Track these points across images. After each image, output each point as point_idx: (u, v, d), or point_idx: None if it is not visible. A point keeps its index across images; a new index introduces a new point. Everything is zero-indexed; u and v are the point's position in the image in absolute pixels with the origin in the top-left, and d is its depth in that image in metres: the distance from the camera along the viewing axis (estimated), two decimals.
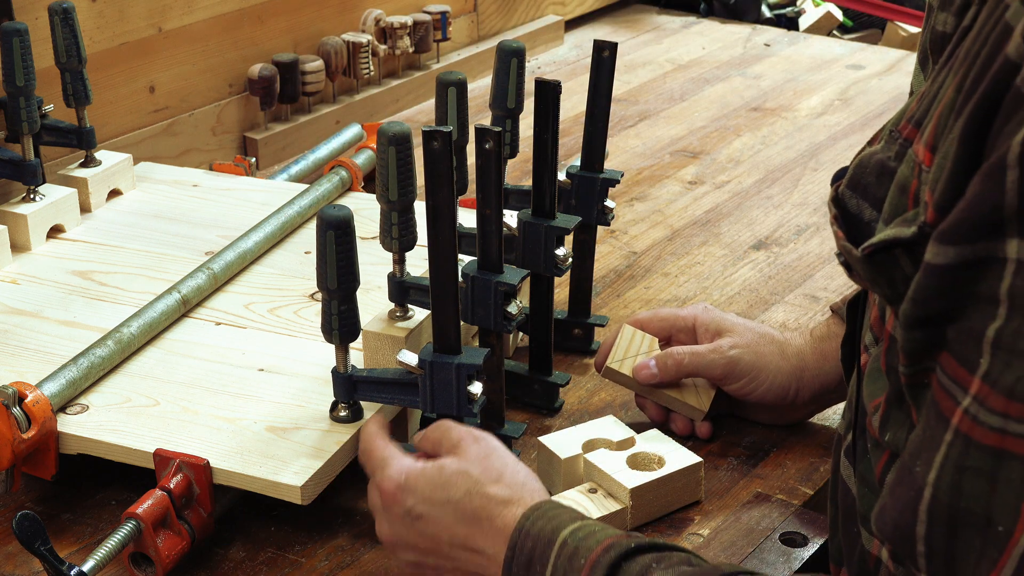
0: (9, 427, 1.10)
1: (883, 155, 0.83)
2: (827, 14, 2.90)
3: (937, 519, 0.70)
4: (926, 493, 0.71)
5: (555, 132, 1.24)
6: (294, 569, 1.10)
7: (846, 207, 0.84)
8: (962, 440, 0.69)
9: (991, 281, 0.68)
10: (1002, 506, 0.67)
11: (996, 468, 0.68)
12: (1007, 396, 0.67)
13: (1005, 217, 0.67)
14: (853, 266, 0.81)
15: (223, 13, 1.84)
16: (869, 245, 0.78)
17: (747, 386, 1.22)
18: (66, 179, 1.58)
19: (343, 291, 1.09)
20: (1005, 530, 0.67)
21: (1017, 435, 0.67)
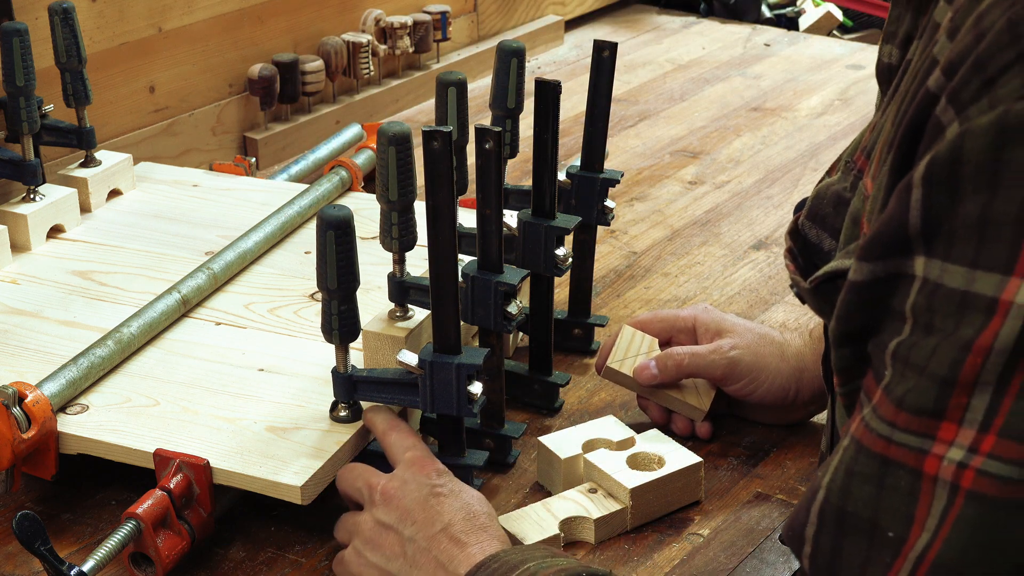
0: (9, 427, 1.10)
1: (839, 186, 0.86)
2: (827, 14, 2.90)
3: (826, 521, 0.72)
4: (819, 495, 0.73)
5: (555, 132, 1.24)
6: (294, 569, 1.10)
7: (806, 238, 0.87)
8: (855, 446, 0.71)
9: (900, 296, 0.70)
10: (889, 511, 0.69)
11: (883, 475, 0.69)
12: (896, 406, 0.69)
13: (910, 235, 0.69)
14: (803, 297, 0.85)
15: (223, 13, 1.84)
16: (815, 278, 0.81)
17: (747, 387, 1.22)
18: (66, 179, 1.58)
19: (343, 291, 1.09)
20: (896, 536, 0.68)
21: (901, 444, 0.69)
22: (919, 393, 0.68)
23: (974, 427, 0.66)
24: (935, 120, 0.69)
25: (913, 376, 0.69)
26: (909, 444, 0.68)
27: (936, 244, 0.68)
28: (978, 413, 0.66)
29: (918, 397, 0.68)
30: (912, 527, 0.68)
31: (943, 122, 0.68)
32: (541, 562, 0.92)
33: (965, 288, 0.67)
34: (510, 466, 1.22)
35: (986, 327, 0.66)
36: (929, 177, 0.68)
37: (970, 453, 0.66)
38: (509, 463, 1.22)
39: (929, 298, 0.68)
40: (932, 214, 0.68)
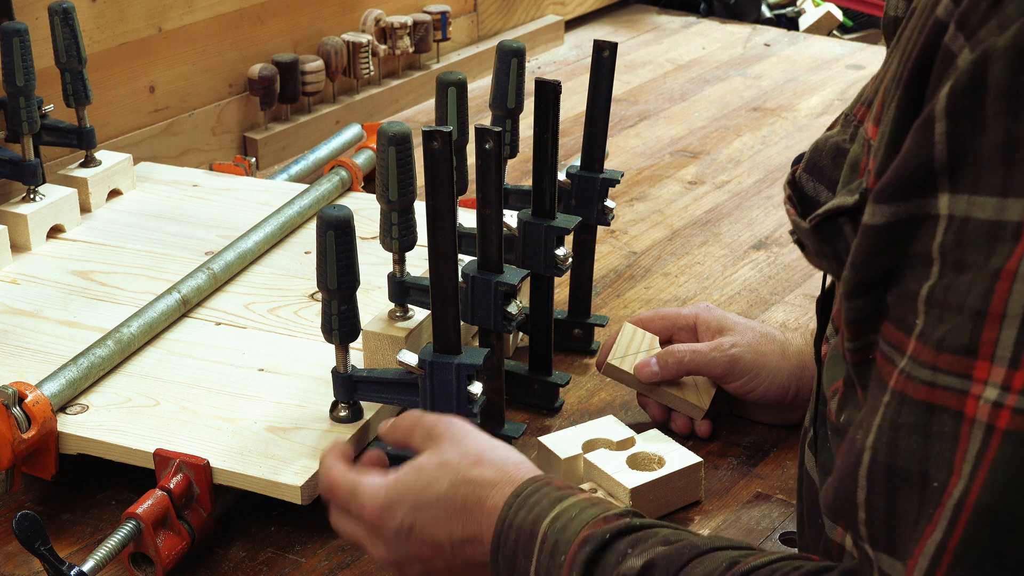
0: (9, 427, 1.10)
1: (838, 138, 0.84)
2: (827, 14, 2.90)
3: (877, 481, 0.70)
4: (865, 457, 0.70)
5: (555, 132, 1.24)
6: (294, 569, 1.10)
7: (803, 190, 0.85)
8: (897, 399, 0.69)
9: (924, 239, 0.68)
10: (936, 460, 0.67)
11: (928, 423, 0.67)
12: (936, 348, 0.67)
13: (935, 171, 0.67)
14: (803, 241, 0.82)
15: (223, 13, 1.84)
16: (816, 216, 0.79)
17: (747, 385, 1.22)
18: (66, 179, 1.58)
19: (343, 291, 1.09)
20: (940, 485, 0.67)
21: (945, 387, 0.67)
22: (957, 331, 0.66)
23: (1004, 364, 0.65)
24: (945, 49, 0.67)
25: (951, 316, 0.67)
26: (952, 386, 0.66)
27: (963, 177, 0.66)
28: (1007, 349, 0.65)
29: (956, 336, 0.66)
30: (952, 475, 0.66)
31: (954, 50, 0.67)
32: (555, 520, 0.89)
33: (996, 218, 0.65)
34: None
35: (1013, 253, 0.64)
36: (951, 108, 0.66)
37: (1003, 392, 0.64)
38: None
39: (958, 235, 0.67)
40: (958, 145, 0.66)
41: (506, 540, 0.90)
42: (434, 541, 0.95)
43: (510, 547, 0.90)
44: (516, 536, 0.90)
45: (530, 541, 0.89)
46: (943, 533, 0.66)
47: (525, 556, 0.89)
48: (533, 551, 0.88)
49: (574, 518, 0.88)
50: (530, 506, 0.90)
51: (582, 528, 0.87)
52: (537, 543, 0.88)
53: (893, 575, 0.69)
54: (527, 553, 0.89)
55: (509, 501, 0.91)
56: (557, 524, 0.88)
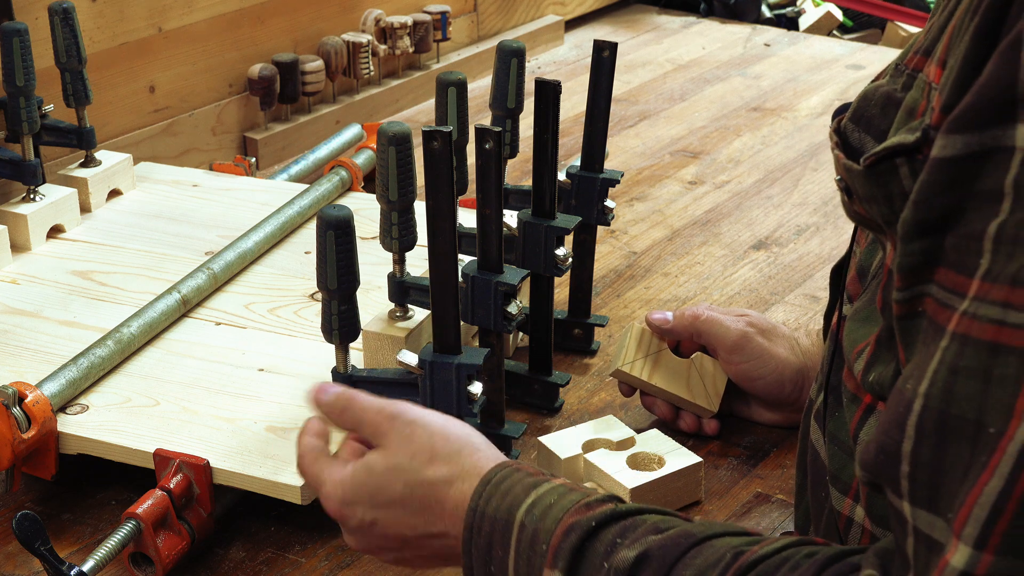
0: (9, 427, 1.10)
1: (888, 87, 0.80)
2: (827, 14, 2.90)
3: (926, 431, 0.65)
4: (916, 405, 0.65)
5: (555, 132, 1.24)
6: (294, 569, 1.10)
7: (848, 140, 0.80)
8: (958, 341, 0.64)
9: (996, 175, 0.64)
10: (995, 406, 0.62)
11: (991, 365, 0.63)
12: (1011, 285, 0.62)
13: (1018, 97, 0.63)
14: (853, 186, 0.78)
15: (223, 13, 1.84)
16: (872, 155, 0.75)
17: (754, 370, 1.21)
18: (66, 179, 1.58)
19: (343, 291, 1.09)
20: (997, 431, 0.62)
21: (1015, 325, 0.62)
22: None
23: None
24: None
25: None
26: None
27: None
28: None
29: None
30: (1012, 419, 0.61)
31: None
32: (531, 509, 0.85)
33: None
34: None
35: None
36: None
37: None
38: None
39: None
40: None
41: (479, 531, 0.86)
42: (398, 535, 0.92)
43: (484, 538, 0.86)
44: (491, 527, 0.85)
45: (506, 531, 0.85)
46: (1004, 481, 0.61)
47: (502, 547, 0.85)
48: (511, 541, 0.84)
49: (553, 505, 0.84)
50: (502, 493, 0.86)
51: (563, 515, 0.83)
52: (514, 532, 0.84)
53: (932, 534, 0.64)
54: (504, 544, 0.85)
55: (478, 490, 0.87)
56: (535, 512, 0.84)
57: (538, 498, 0.85)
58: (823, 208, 1.76)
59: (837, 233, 1.68)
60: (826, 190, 1.82)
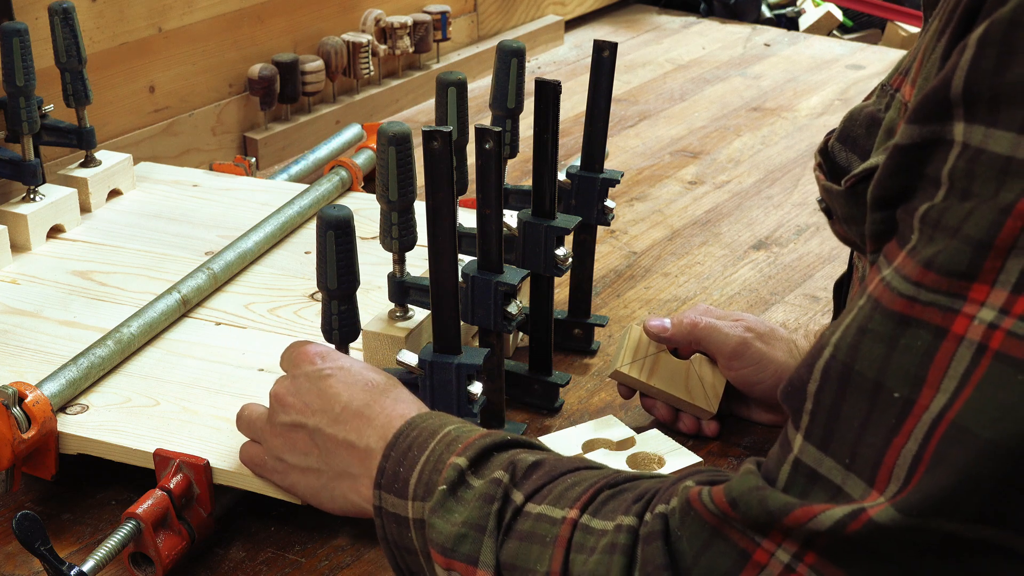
0: (9, 427, 1.10)
1: (873, 108, 0.84)
2: (827, 14, 2.90)
3: (830, 378, 0.71)
4: (826, 352, 0.71)
5: (555, 132, 1.24)
6: (294, 569, 1.10)
7: (835, 159, 0.85)
8: (871, 304, 0.70)
9: (937, 163, 0.69)
10: (898, 372, 0.68)
11: (897, 335, 0.68)
12: (924, 266, 0.68)
13: (951, 99, 0.68)
14: (833, 207, 0.82)
15: (223, 13, 1.84)
16: (851, 177, 0.79)
17: (754, 375, 1.21)
18: (66, 179, 1.58)
19: (343, 291, 1.09)
20: (902, 397, 0.67)
21: (928, 303, 0.67)
22: (950, 254, 0.67)
23: (1007, 288, 0.65)
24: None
25: (943, 238, 0.67)
26: (938, 303, 0.67)
27: (977, 108, 0.67)
28: (1012, 275, 0.65)
29: (949, 258, 0.67)
30: (923, 388, 0.67)
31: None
32: (461, 427, 0.93)
33: (1010, 154, 0.66)
34: None
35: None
36: (985, 38, 0.66)
37: (1001, 314, 0.65)
38: None
39: (969, 163, 0.67)
40: (977, 77, 0.67)
41: (405, 436, 0.93)
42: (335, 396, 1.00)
43: (406, 442, 0.93)
44: (418, 433, 0.93)
45: (431, 436, 0.92)
46: (918, 445, 0.66)
47: (419, 448, 0.91)
48: (430, 442, 0.91)
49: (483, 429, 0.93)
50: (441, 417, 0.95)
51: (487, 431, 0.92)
52: (437, 437, 0.91)
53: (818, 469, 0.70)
54: (423, 446, 0.91)
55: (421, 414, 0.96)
56: (465, 428, 0.92)
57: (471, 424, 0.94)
58: None
59: None
60: None
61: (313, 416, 1.00)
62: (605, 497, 0.81)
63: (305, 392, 1.01)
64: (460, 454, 0.89)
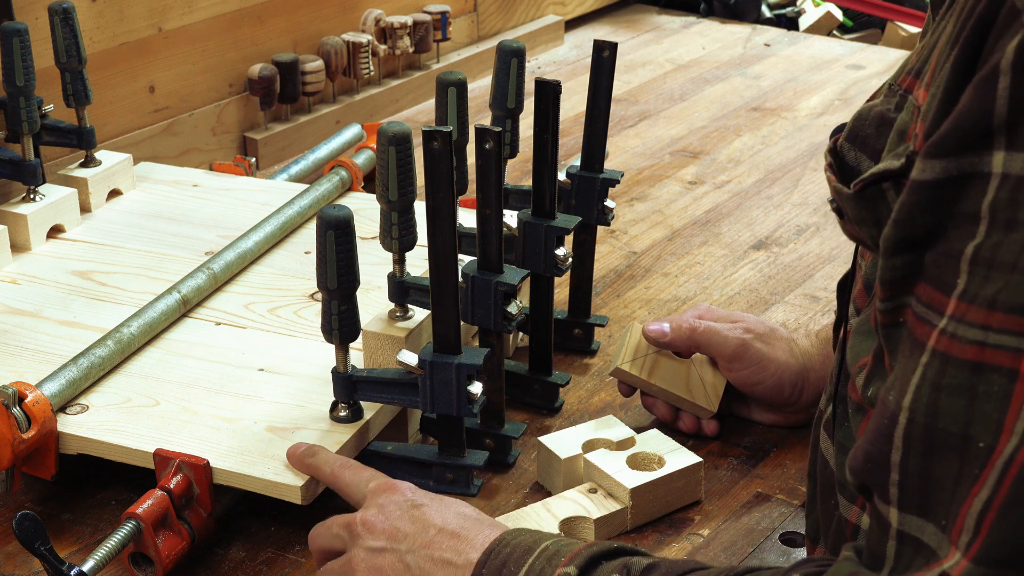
0: (9, 427, 1.10)
1: (883, 107, 0.82)
2: (827, 14, 2.90)
3: (914, 443, 0.68)
4: (901, 418, 0.69)
5: (555, 132, 1.24)
6: (294, 569, 1.10)
7: (844, 159, 0.84)
8: (939, 359, 0.68)
9: (974, 198, 0.67)
10: (981, 421, 0.66)
11: (975, 383, 0.66)
12: (988, 308, 0.66)
13: (994, 127, 0.66)
14: (844, 208, 0.81)
15: (223, 13, 1.84)
16: (859, 181, 0.78)
17: (754, 375, 1.21)
18: (66, 179, 1.58)
19: (343, 291, 1.09)
20: (986, 445, 0.65)
21: (997, 346, 0.66)
22: (1013, 290, 0.65)
23: None
24: (1010, 6, 0.66)
25: (1001, 276, 0.65)
26: (1006, 345, 0.65)
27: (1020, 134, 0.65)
28: None
29: (1012, 295, 0.65)
30: (1001, 434, 0.65)
31: (1019, 7, 0.65)
32: (558, 540, 0.90)
33: None
34: (510, 466, 1.22)
35: None
36: (1019, 63, 0.65)
37: None
38: (509, 463, 1.22)
39: (1012, 193, 0.65)
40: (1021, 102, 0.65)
41: (497, 554, 0.91)
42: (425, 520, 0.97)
43: (499, 559, 0.90)
44: (511, 550, 0.90)
45: (526, 553, 0.89)
46: (990, 491, 0.65)
47: (516, 564, 0.89)
48: (527, 560, 0.89)
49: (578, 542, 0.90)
50: (530, 534, 0.92)
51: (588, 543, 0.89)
52: (535, 553, 0.89)
53: (922, 537, 0.68)
54: (519, 562, 0.89)
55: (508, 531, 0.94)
56: (562, 541, 0.90)
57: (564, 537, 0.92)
58: (823, 208, 1.76)
59: (837, 233, 1.68)
60: (826, 190, 1.81)
61: (405, 540, 0.97)
62: None
63: (396, 518, 0.98)
64: (568, 564, 0.86)
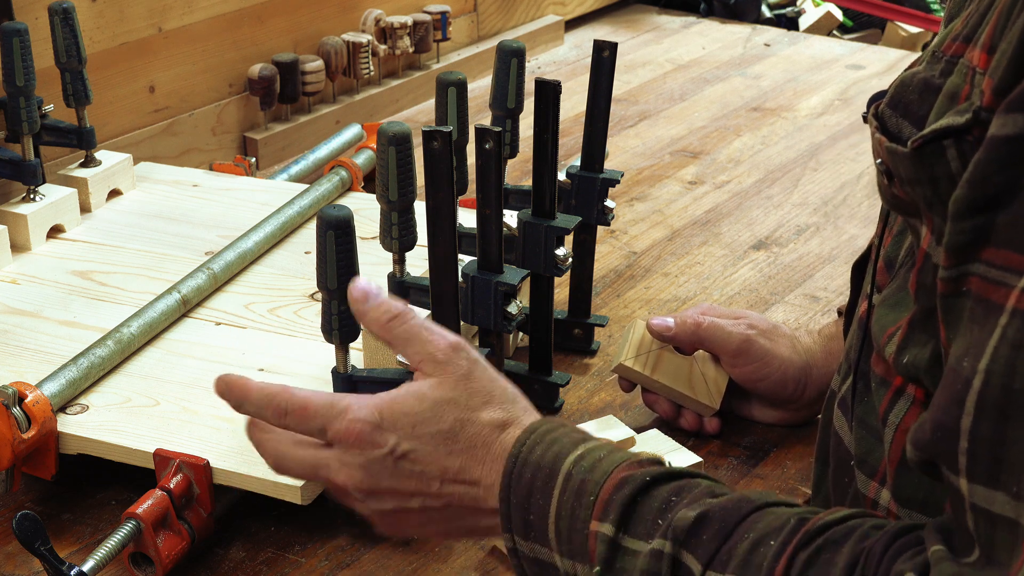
0: (9, 427, 1.10)
1: (926, 73, 0.80)
2: (827, 14, 2.90)
3: (987, 406, 0.66)
4: (976, 382, 0.66)
5: (555, 132, 1.24)
6: (294, 569, 1.10)
7: (886, 125, 0.81)
8: (1020, 318, 0.66)
9: None
10: None
11: None
12: None
13: None
14: (895, 169, 0.78)
15: (223, 13, 1.84)
16: (919, 137, 0.75)
17: (758, 372, 1.21)
18: (66, 179, 1.58)
19: (343, 291, 1.09)
20: None
21: None
22: None
23: None
24: None
25: None
26: None
27: None
28: None
29: None
30: None
31: None
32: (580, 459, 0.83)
33: None
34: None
35: None
36: None
37: None
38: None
39: None
40: None
41: (519, 478, 0.84)
42: (423, 474, 0.87)
43: (524, 485, 0.84)
44: (532, 474, 0.83)
45: (550, 478, 0.83)
46: None
47: (543, 495, 0.83)
48: (553, 490, 0.82)
49: (602, 459, 0.83)
50: (548, 443, 0.84)
51: (614, 469, 0.82)
52: (559, 481, 0.82)
53: (991, 508, 0.66)
54: (546, 492, 0.83)
55: (522, 438, 0.85)
56: (584, 463, 0.83)
57: (586, 451, 0.84)
58: (823, 208, 1.76)
59: (837, 233, 1.68)
60: (826, 190, 1.82)
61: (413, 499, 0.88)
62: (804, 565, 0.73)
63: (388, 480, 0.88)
64: (601, 519, 0.80)
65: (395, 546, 1.12)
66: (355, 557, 1.11)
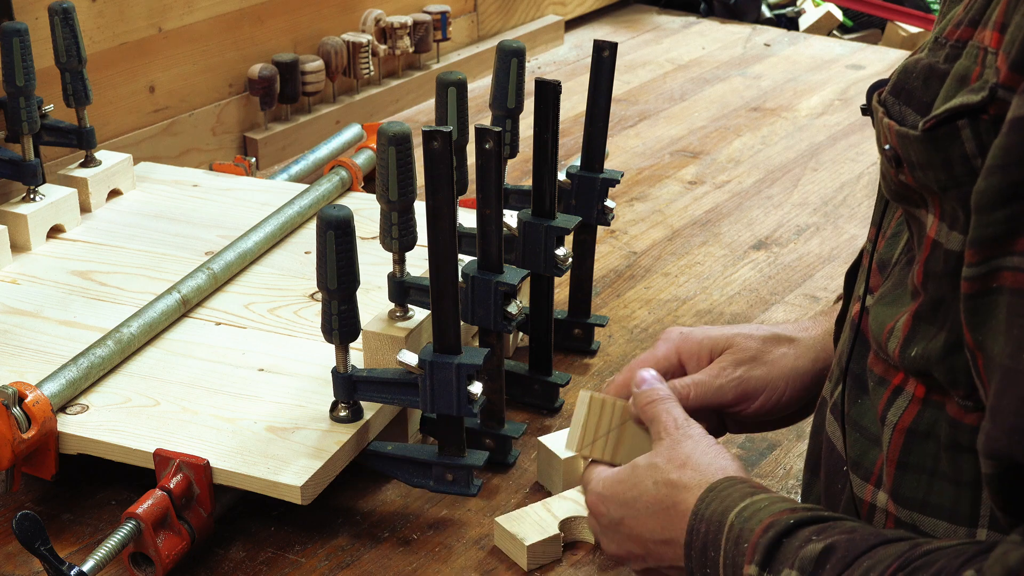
0: (9, 427, 1.10)
1: (930, 60, 0.79)
2: (827, 14, 2.90)
3: None
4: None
5: (555, 132, 1.24)
6: (294, 569, 1.10)
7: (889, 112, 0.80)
8: None
9: None
10: None
11: None
12: None
13: None
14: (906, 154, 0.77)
15: (223, 13, 1.84)
16: (932, 117, 0.74)
17: (767, 402, 1.05)
18: (66, 179, 1.58)
19: (343, 291, 1.09)
20: None
21: None
22: None
23: None
24: None
25: None
26: None
27: None
28: None
29: None
30: None
31: None
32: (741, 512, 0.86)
33: None
34: (510, 466, 1.22)
35: None
36: None
37: None
38: (509, 463, 1.22)
39: None
40: None
41: (696, 533, 0.87)
42: (639, 536, 0.93)
43: (700, 540, 0.87)
44: (706, 528, 0.87)
45: (718, 532, 0.86)
46: None
47: (714, 547, 0.86)
48: (721, 541, 0.86)
49: (762, 509, 0.85)
50: (720, 499, 0.87)
51: (767, 516, 0.84)
52: (724, 532, 0.85)
53: None
54: (716, 544, 0.86)
55: (702, 496, 0.89)
56: (744, 514, 0.85)
57: (751, 503, 0.86)
58: (823, 208, 1.76)
59: (837, 233, 1.68)
60: (826, 190, 1.82)
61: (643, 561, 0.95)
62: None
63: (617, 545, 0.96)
64: (749, 562, 0.83)
65: (395, 546, 1.12)
66: (355, 557, 1.11)
